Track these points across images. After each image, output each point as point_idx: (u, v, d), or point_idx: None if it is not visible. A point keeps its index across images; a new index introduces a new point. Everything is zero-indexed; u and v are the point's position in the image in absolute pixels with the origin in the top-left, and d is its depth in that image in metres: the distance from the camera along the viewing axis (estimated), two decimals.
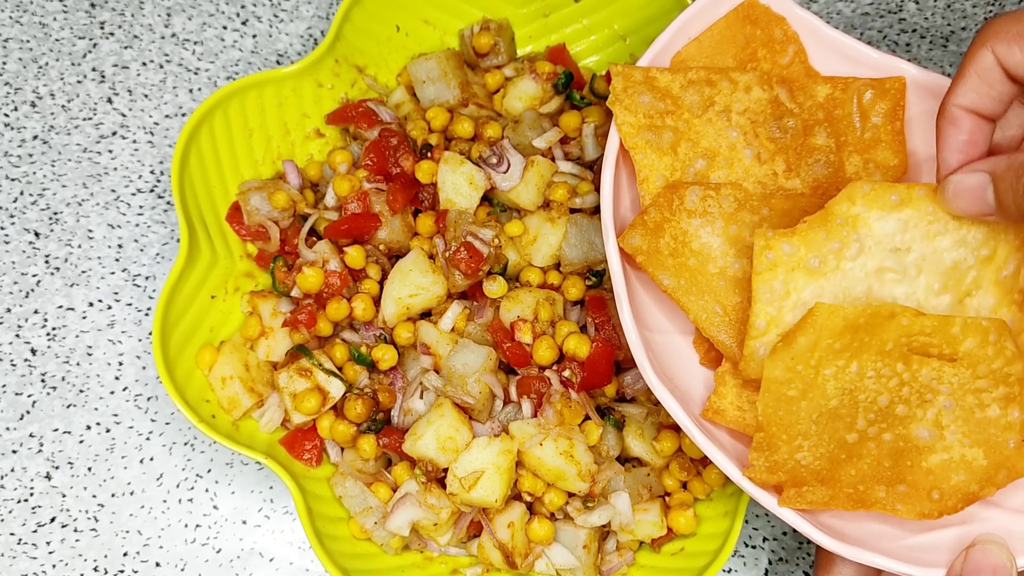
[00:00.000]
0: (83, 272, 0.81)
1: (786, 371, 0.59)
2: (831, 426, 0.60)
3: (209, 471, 0.76)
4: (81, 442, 0.76)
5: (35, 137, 0.84)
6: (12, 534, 0.73)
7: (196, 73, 0.87)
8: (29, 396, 0.77)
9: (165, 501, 0.75)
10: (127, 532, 0.74)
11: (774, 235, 0.60)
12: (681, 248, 0.62)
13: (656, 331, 0.65)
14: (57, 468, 0.75)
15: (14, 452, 0.75)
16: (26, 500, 0.74)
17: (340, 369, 0.72)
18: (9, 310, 0.79)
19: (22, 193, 0.82)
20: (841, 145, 0.67)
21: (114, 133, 0.85)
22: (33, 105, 0.85)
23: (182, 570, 0.73)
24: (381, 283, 0.75)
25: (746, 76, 0.66)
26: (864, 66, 0.69)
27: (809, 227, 0.60)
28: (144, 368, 0.78)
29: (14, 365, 0.78)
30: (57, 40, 0.87)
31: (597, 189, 0.76)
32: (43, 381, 0.77)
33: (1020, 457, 0.60)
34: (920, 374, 0.60)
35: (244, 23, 0.89)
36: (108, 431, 0.76)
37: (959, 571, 0.57)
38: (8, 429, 0.76)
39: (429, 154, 0.76)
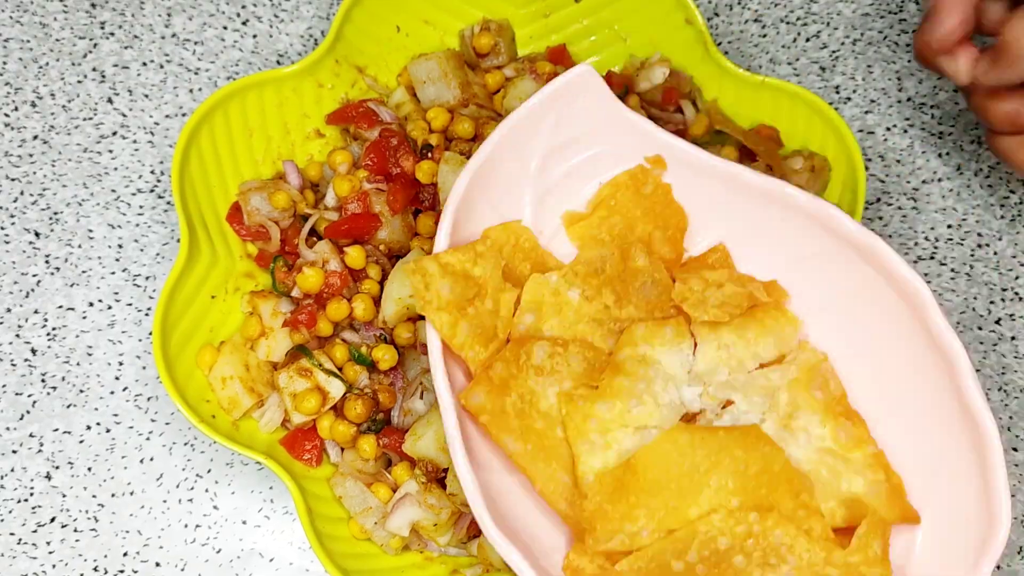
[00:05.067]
0: (83, 272, 0.81)
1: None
2: (661, 546, 0.55)
3: (209, 471, 0.76)
4: (81, 442, 0.76)
5: (35, 137, 0.84)
6: (12, 534, 0.73)
7: (196, 73, 0.87)
8: (29, 396, 0.77)
9: (165, 501, 0.75)
10: (127, 532, 0.74)
11: (585, 403, 0.57)
12: (528, 409, 0.57)
13: (501, 472, 0.60)
14: (57, 468, 0.75)
15: (14, 452, 0.75)
16: (26, 500, 0.74)
17: (340, 369, 0.72)
18: (9, 310, 0.79)
19: (22, 193, 0.82)
20: (652, 254, 0.64)
21: (114, 133, 0.85)
22: (33, 105, 0.85)
23: (182, 570, 0.73)
24: (381, 283, 0.75)
25: None
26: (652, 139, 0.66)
27: (609, 381, 0.58)
28: (144, 368, 0.78)
29: (14, 365, 0.78)
30: (57, 40, 0.87)
31: None
32: (43, 381, 0.77)
33: None
34: (773, 533, 0.55)
35: (244, 23, 0.89)
36: (108, 431, 0.76)
37: None
38: (8, 429, 0.76)
39: (429, 154, 0.76)
